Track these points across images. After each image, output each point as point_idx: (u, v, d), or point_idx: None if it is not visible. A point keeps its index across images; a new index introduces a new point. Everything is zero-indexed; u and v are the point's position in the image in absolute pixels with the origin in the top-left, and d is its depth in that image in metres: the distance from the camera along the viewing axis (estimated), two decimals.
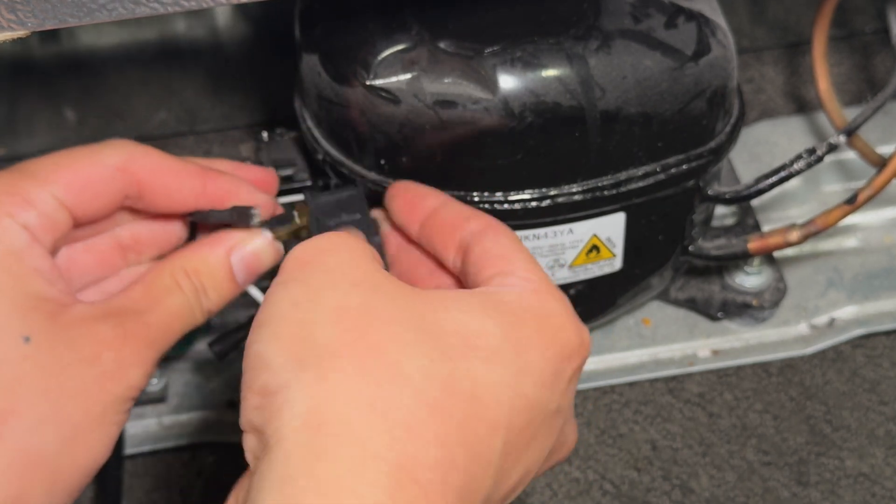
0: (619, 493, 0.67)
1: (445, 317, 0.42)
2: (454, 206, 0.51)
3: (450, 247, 0.49)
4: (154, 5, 0.44)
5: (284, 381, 0.39)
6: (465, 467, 0.39)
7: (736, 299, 0.72)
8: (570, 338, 0.44)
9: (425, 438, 0.38)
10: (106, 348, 0.46)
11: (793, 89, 0.85)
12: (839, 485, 0.67)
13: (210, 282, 0.50)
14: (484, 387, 0.40)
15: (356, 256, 0.43)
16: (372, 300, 0.41)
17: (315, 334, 0.40)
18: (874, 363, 0.72)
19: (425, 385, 0.39)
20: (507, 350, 0.42)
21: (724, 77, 0.58)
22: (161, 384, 0.70)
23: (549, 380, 0.43)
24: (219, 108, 0.84)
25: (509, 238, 0.48)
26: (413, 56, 0.55)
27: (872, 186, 0.61)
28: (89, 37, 0.80)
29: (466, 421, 0.40)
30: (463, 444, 0.39)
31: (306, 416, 0.38)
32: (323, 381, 0.39)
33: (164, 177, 0.50)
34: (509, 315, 0.43)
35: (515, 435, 0.42)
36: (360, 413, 0.38)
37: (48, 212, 0.47)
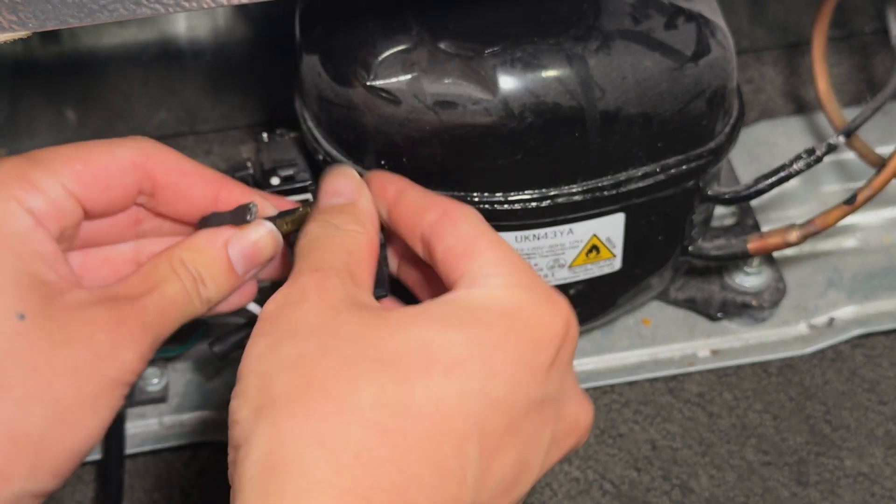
0: (619, 492, 0.67)
1: (405, 338, 0.42)
2: (411, 195, 0.50)
3: (415, 240, 0.49)
4: (155, 6, 0.44)
5: (247, 434, 0.41)
6: (431, 484, 0.40)
7: (735, 299, 0.72)
8: (543, 325, 0.44)
9: (377, 463, 0.40)
10: (99, 330, 0.46)
11: (792, 90, 0.85)
12: (839, 484, 0.67)
13: (207, 271, 0.50)
14: (446, 401, 0.41)
15: (323, 303, 0.44)
16: (328, 344, 0.42)
17: (271, 385, 0.42)
18: (873, 363, 0.72)
19: (376, 412, 0.40)
20: (470, 358, 0.42)
21: (724, 77, 0.58)
22: (161, 384, 0.70)
23: (523, 376, 0.43)
24: (219, 108, 0.84)
25: (469, 224, 0.47)
26: (413, 57, 0.55)
27: (871, 187, 0.61)
28: (90, 37, 0.80)
29: (427, 438, 0.41)
30: (425, 460, 0.40)
31: (262, 463, 0.40)
32: (275, 427, 0.40)
33: (179, 177, 0.50)
34: (473, 321, 0.43)
35: (494, 438, 0.42)
36: (309, 450, 0.40)
37: (55, 199, 0.47)
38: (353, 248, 0.47)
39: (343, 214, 0.49)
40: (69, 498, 0.69)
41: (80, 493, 0.69)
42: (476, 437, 0.42)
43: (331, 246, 0.47)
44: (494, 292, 0.45)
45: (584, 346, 0.72)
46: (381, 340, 0.42)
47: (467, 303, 0.44)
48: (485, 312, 0.44)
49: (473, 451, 0.41)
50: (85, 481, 0.69)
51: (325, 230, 0.48)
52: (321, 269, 0.46)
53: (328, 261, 0.46)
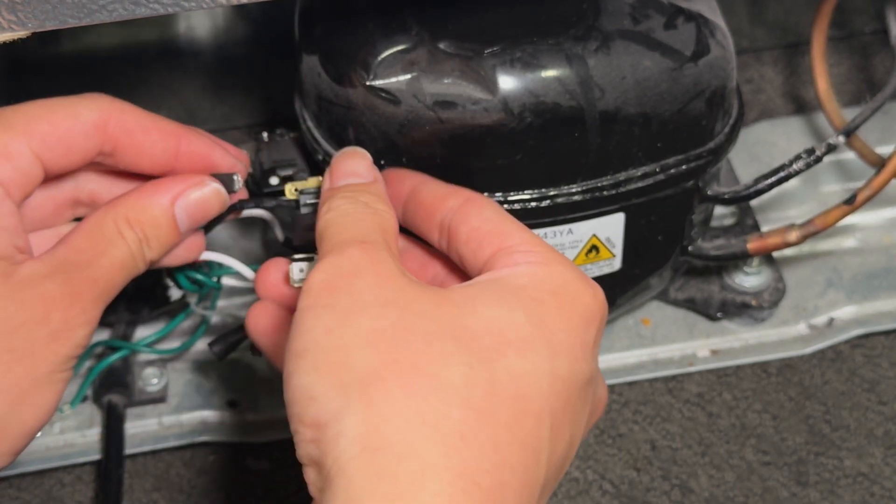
0: (619, 492, 0.67)
1: (475, 318, 0.42)
2: (431, 185, 0.50)
3: (433, 228, 0.49)
4: (154, 6, 0.44)
5: (334, 411, 0.39)
6: (519, 464, 0.40)
7: (735, 299, 0.72)
8: (587, 303, 0.45)
9: (479, 443, 0.39)
10: (54, 308, 0.46)
11: (792, 90, 0.85)
12: (838, 484, 0.67)
13: (153, 231, 0.49)
14: (523, 380, 0.41)
15: (382, 275, 0.43)
16: (403, 318, 0.41)
17: (353, 360, 0.40)
18: (873, 363, 0.72)
19: (469, 392, 0.40)
20: (537, 336, 0.42)
21: (724, 77, 0.58)
22: (161, 384, 0.70)
23: (578, 353, 0.43)
24: (219, 108, 0.84)
25: (493, 209, 0.47)
26: (413, 57, 0.55)
27: (871, 187, 0.61)
28: (90, 37, 0.80)
29: (514, 419, 0.40)
30: (514, 442, 0.40)
31: (362, 442, 0.39)
32: (372, 405, 0.39)
33: (140, 136, 0.49)
34: (529, 299, 0.43)
35: (559, 416, 0.42)
36: (413, 429, 0.39)
37: (23, 166, 0.47)
38: (386, 227, 0.46)
39: (367, 194, 0.48)
40: (69, 498, 0.69)
41: (79, 493, 0.69)
42: (548, 417, 0.41)
43: (365, 221, 0.46)
44: (538, 270, 0.44)
45: None
46: (455, 318, 0.42)
47: (517, 281, 0.44)
48: (536, 291, 0.44)
49: (546, 430, 0.41)
50: (85, 481, 0.69)
51: (355, 205, 0.47)
52: (367, 242, 0.44)
53: (370, 235, 0.45)
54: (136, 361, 0.71)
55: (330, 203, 0.48)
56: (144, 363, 0.71)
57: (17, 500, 0.69)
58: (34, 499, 0.68)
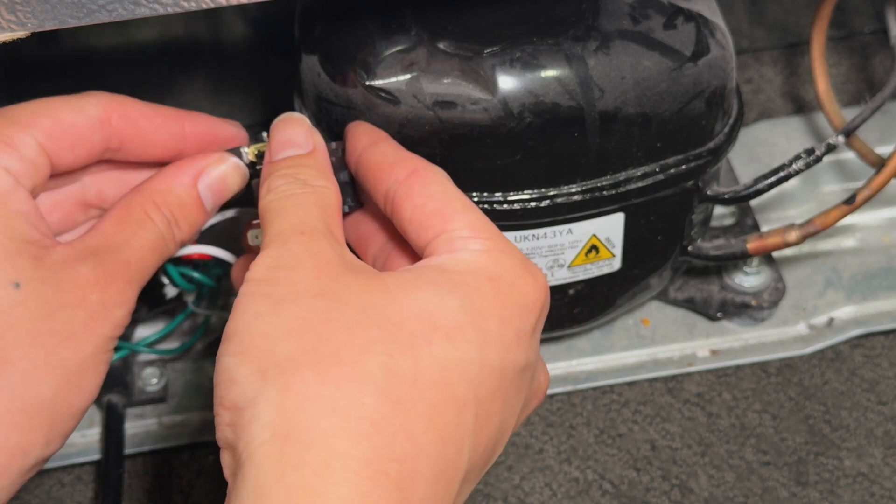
0: (619, 492, 0.67)
1: (406, 303, 0.42)
2: (381, 148, 0.50)
3: (378, 195, 0.48)
4: (154, 6, 0.44)
5: (251, 395, 0.40)
6: (437, 453, 0.40)
7: (735, 299, 0.72)
8: (525, 292, 0.44)
9: (391, 432, 0.39)
10: (90, 290, 0.46)
11: (791, 90, 0.85)
12: (838, 484, 0.67)
13: (180, 211, 0.49)
14: (449, 368, 0.41)
15: (319, 266, 0.43)
16: (332, 308, 0.42)
17: (277, 347, 0.41)
18: (873, 363, 0.72)
19: (387, 380, 0.40)
20: (468, 323, 0.42)
21: (723, 77, 0.58)
22: (161, 384, 0.70)
23: (512, 342, 0.43)
24: (218, 108, 0.84)
25: (438, 185, 0.47)
26: (412, 56, 0.55)
27: (871, 187, 0.61)
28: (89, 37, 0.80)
29: (434, 408, 0.40)
30: (432, 430, 0.40)
31: (273, 428, 0.39)
32: (286, 392, 0.40)
33: (143, 124, 0.50)
34: (464, 285, 0.43)
35: (486, 405, 0.42)
36: (324, 417, 0.39)
37: (30, 157, 0.46)
38: (326, 206, 0.46)
39: (305, 168, 0.48)
40: (69, 498, 0.69)
41: (79, 493, 0.69)
42: (473, 405, 0.41)
43: (306, 205, 0.46)
44: (477, 257, 0.44)
45: (583, 347, 0.72)
46: (384, 306, 0.42)
47: (455, 267, 0.44)
48: (473, 277, 0.44)
49: (470, 419, 0.41)
50: (84, 481, 0.69)
51: (293, 186, 0.47)
52: (306, 232, 0.45)
53: (310, 223, 0.45)
54: (135, 361, 0.71)
55: (269, 183, 0.48)
56: (144, 363, 0.71)
57: (17, 500, 0.69)
58: (34, 499, 0.68)
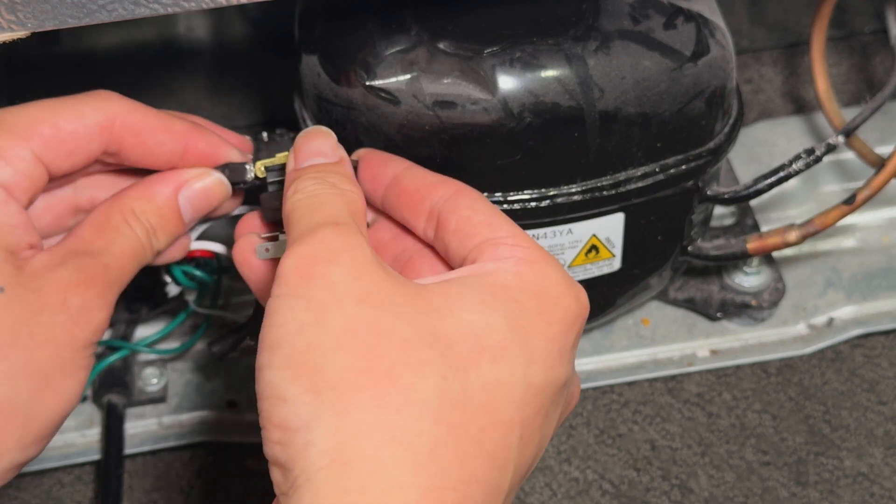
0: (619, 492, 0.67)
1: (452, 322, 0.41)
2: (418, 171, 0.49)
3: (419, 215, 0.48)
4: (154, 6, 0.44)
5: (305, 417, 0.39)
6: (485, 477, 0.40)
7: (735, 299, 0.72)
8: (569, 307, 0.44)
9: (447, 458, 0.39)
10: (71, 293, 0.46)
11: (791, 90, 0.85)
12: (838, 484, 0.67)
13: (159, 222, 0.49)
14: (495, 390, 0.41)
15: (356, 262, 0.42)
16: (380, 318, 0.41)
17: (327, 362, 0.40)
18: (873, 363, 0.72)
19: (441, 404, 0.39)
20: (513, 342, 0.42)
21: (723, 77, 0.58)
22: (161, 384, 0.70)
23: (556, 360, 0.43)
24: (219, 108, 0.84)
25: (483, 202, 0.47)
26: (412, 56, 0.55)
27: (871, 187, 0.61)
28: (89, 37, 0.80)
29: (483, 431, 0.40)
30: (481, 455, 0.40)
31: (332, 455, 0.38)
32: (344, 416, 0.39)
33: (146, 136, 0.49)
34: (510, 301, 0.43)
35: (530, 424, 0.42)
36: (384, 444, 0.38)
37: (25, 169, 0.46)
38: (355, 208, 0.45)
39: (334, 174, 0.47)
40: (69, 498, 0.69)
41: (79, 493, 0.69)
42: (518, 426, 0.41)
43: (336, 202, 0.45)
44: (523, 268, 0.44)
45: (583, 346, 0.72)
46: (433, 323, 0.41)
47: (499, 279, 0.43)
48: (518, 292, 0.43)
49: (515, 440, 0.41)
50: (84, 481, 0.69)
51: (322, 187, 0.46)
52: (340, 224, 0.43)
53: (342, 217, 0.44)
54: (135, 361, 0.71)
55: (296, 185, 0.46)
56: (144, 363, 0.71)
57: (17, 500, 0.69)
58: (34, 499, 0.68)
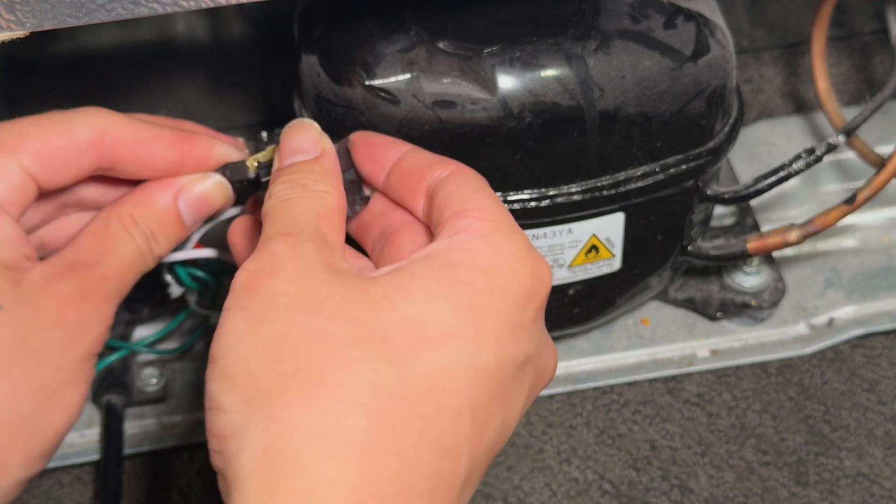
0: (618, 492, 0.67)
1: (392, 315, 0.41)
2: (419, 153, 0.49)
3: (417, 195, 0.48)
4: (153, 5, 0.44)
5: (237, 425, 0.40)
6: (432, 466, 0.39)
7: (735, 299, 0.72)
8: (523, 281, 0.43)
9: (381, 451, 0.39)
10: (67, 308, 0.46)
11: (792, 89, 0.85)
12: (838, 485, 0.67)
13: (158, 227, 0.49)
14: (439, 378, 0.40)
15: (300, 271, 0.42)
16: (313, 321, 0.41)
17: (259, 370, 0.40)
18: (873, 363, 0.72)
19: (374, 399, 0.39)
20: (459, 327, 0.41)
21: (723, 77, 0.58)
22: (160, 384, 0.70)
23: (509, 340, 0.42)
24: (218, 108, 0.84)
25: (474, 179, 0.47)
26: (412, 56, 0.55)
27: (871, 186, 0.61)
28: (89, 37, 0.80)
29: (425, 420, 0.40)
30: (425, 444, 0.39)
31: (260, 459, 0.39)
32: (271, 420, 0.39)
33: (138, 149, 0.49)
34: (457, 283, 0.42)
35: (484, 408, 0.41)
36: (309, 443, 0.38)
37: (15, 183, 0.47)
38: (321, 209, 0.46)
39: (308, 173, 0.47)
40: (68, 498, 0.68)
41: (79, 493, 0.69)
42: (468, 411, 0.41)
43: (299, 208, 0.45)
44: (475, 242, 0.43)
45: (583, 347, 0.72)
46: (369, 317, 0.41)
47: (448, 257, 0.43)
48: (467, 270, 0.42)
49: (466, 425, 0.41)
50: (84, 482, 0.69)
51: (291, 191, 0.46)
52: (292, 234, 0.44)
53: (298, 224, 0.44)
54: (135, 361, 0.71)
55: (271, 189, 0.47)
56: (144, 363, 0.71)
57: (17, 500, 0.68)
58: (33, 499, 0.68)
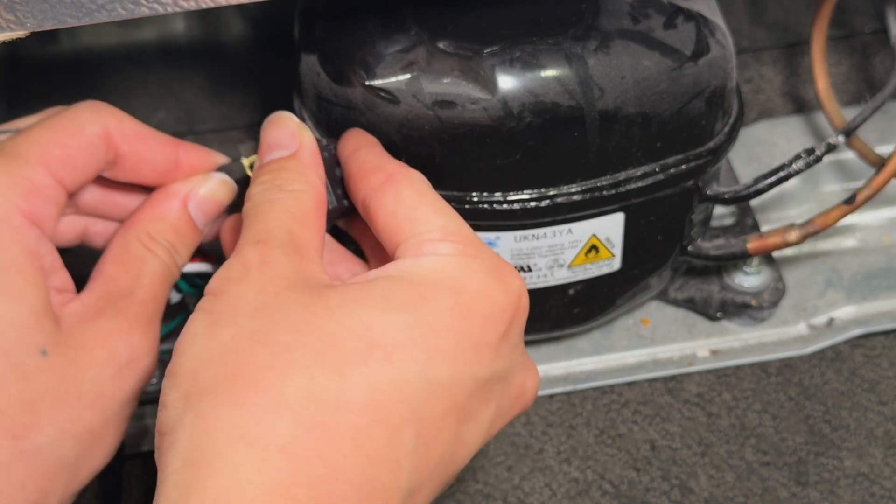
0: (618, 493, 0.67)
1: (346, 321, 0.41)
2: (362, 154, 0.49)
3: (357, 201, 0.48)
4: (153, 6, 0.44)
5: (172, 422, 0.40)
6: (363, 475, 0.39)
7: (735, 299, 0.72)
8: (492, 301, 0.43)
9: (303, 457, 0.38)
10: (117, 342, 0.46)
11: (792, 89, 0.85)
12: (838, 485, 0.67)
13: (177, 237, 0.49)
14: (382, 389, 0.40)
15: (266, 279, 0.42)
16: (263, 328, 0.40)
17: (202, 370, 0.40)
18: (873, 363, 0.72)
19: (305, 405, 0.39)
20: (413, 340, 0.41)
21: (723, 77, 0.58)
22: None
23: (469, 356, 0.42)
24: (218, 108, 0.84)
25: (412, 190, 0.46)
26: (412, 56, 0.55)
27: (871, 186, 0.61)
28: (89, 37, 0.80)
29: (360, 430, 0.39)
30: (358, 452, 0.39)
31: (184, 456, 0.39)
32: (201, 419, 0.39)
33: (139, 144, 0.49)
34: (418, 298, 0.42)
35: (433, 423, 0.41)
36: (232, 444, 0.38)
37: (52, 196, 0.46)
38: (297, 211, 0.45)
39: (285, 171, 0.47)
40: None
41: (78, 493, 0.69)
42: (413, 425, 0.40)
43: (274, 212, 0.45)
44: (443, 263, 0.43)
45: (582, 347, 0.72)
46: (320, 325, 0.41)
47: (414, 276, 0.43)
48: (432, 288, 0.42)
49: (410, 439, 0.40)
50: None
51: (268, 193, 0.46)
52: (262, 241, 0.44)
53: (271, 230, 0.44)
54: None
55: (250, 191, 0.47)
56: None
57: None
58: None
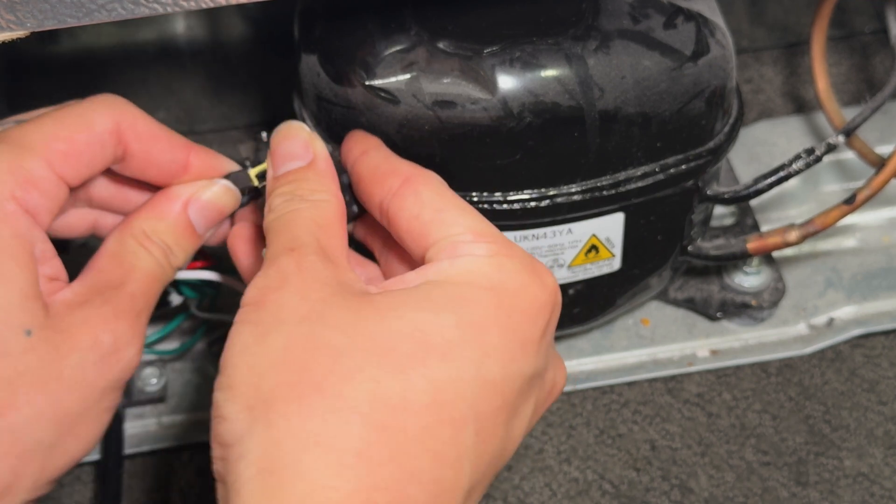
0: (619, 493, 0.67)
1: (398, 324, 0.41)
2: (372, 157, 0.49)
3: (373, 205, 0.48)
4: (153, 6, 0.44)
5: (239, 433, 0.40)
6: (432, 476, 0.40)
7: (735, 299, 0.72)
8: (532, 297, 0.43)
9: (378, 460, 0.39)
10: (102, 331, 0.46)
11: (791, 89, 0.85)
12: (838, 485, 0.67)
13: (173, 239, 0.49)
14: (443, 388, 0.40)
15: (307, 285, 0.43)
16: (315, 333, 0.41)
17: (262, 380, 0.40)
18: (873, 363, 0.72)
19: (373, 408, 0.39)
20: (465, 339, 0.41)
21: (723, 77, 0.58)
22: (160, 384, 0.70)
23: (516, 353, 0.43)
24: (218, 108, 0.84)
25: (433, 191, 0.46)
26: (412, 56, 0.55)
27: (871, 186, 0.61)
28: (89, 37, 0.80)
29: (427, 430, 0.40)
30: (426, 452, 0.40)
31: (258, 465, 0.39)
32: (271, 428, 0.39)
33: (150, 143, 0.49)
34: (462, 299, 0.42)
35: (489, 420, 0.42)
36: (306, 450, 0.39)
37: (49, 189, 0.46)
38: (322, 220, 0.46)
39: (304, 182, 0.48)
40: (68, 498, 0.68)
41: (78, 493, 0.69)
42: (472, 422, 0.41)
43: (300, 221, 0.46)
44: (480, 264, 0.43)
45: (583, 347, 0.72)
46: (373, 328, 0.41)
47: (454, 277, 0.43)
48: (473, 289, 0.43)
49: (470, 436, 0.41)
50: (83, 482, 0.69)
51: (290, 203, 0.47)
52: (296, 249, 0.44)
53: (301, 238, 0.45)
54: None
55: (270, 202, 0.47)
56: (144, 363, 0.71)
57: None
58: None
